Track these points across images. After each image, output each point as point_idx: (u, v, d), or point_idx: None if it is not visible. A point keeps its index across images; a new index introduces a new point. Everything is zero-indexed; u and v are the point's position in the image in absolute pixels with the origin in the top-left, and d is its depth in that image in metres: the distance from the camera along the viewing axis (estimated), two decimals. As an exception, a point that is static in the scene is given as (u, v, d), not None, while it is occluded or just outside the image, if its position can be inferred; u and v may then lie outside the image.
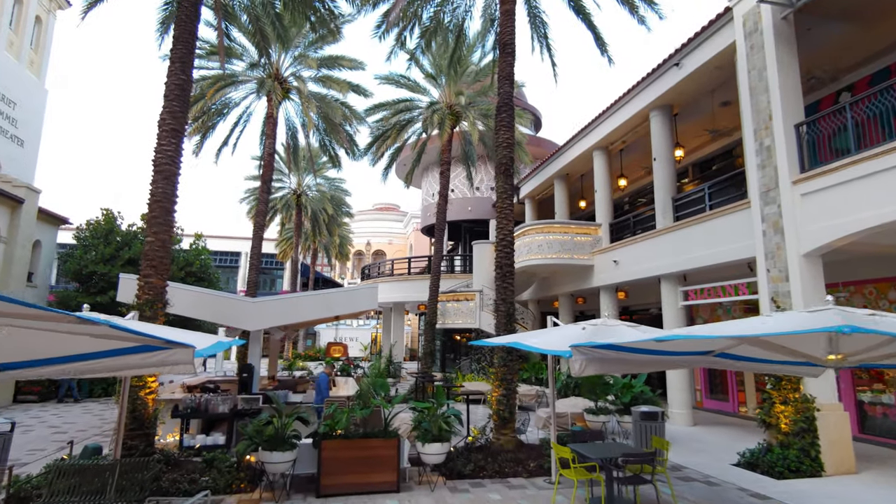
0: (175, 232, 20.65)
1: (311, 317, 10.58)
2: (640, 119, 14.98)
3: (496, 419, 9.24)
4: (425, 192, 29.69)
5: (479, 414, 14.02)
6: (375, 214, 73.06)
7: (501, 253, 9.86)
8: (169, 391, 10.83)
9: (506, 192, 10.04)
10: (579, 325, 6.55)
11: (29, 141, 20.24)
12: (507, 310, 9.61)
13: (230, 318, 10.25)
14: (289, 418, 7.11)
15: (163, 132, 8.48)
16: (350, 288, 10.47)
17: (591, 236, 16.95)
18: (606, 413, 10.34)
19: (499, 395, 9.29)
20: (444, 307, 19.67)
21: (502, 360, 9.37)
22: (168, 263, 8.37)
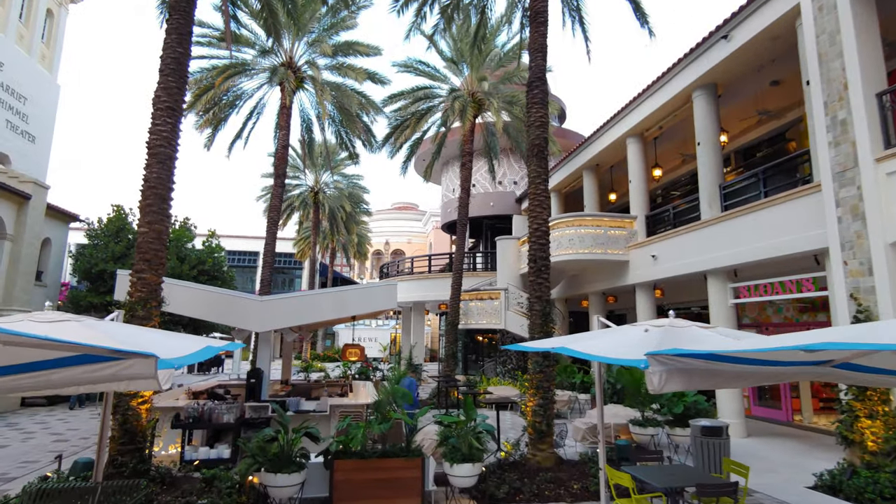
0: (191, 231, 20.20)
1: (325, 317, 9.64)
2: (680, 101, 13.73)
3: (532, 432, 8.16)
4: (445, 187, 28.69)
5: (506, 422, 12.97)
6: (394, 214, 72.54)
7: (535, 245, 8.78)
8: (172, 397, 9.98)
9: (539, 175, 8.96)
10: (638, 325, 5.45)
11: (41, 137, 19.77)
12: (542, 309, 8.53)
13: (235, 318, 9.36)
14: (296, 434, 6.14)
15: (157, 111, 7.61)
16: (367, 286, 9.51)
17: (626, 230, 15.74)
18: (655, 425, 9.19)
19: (534, 405, 8.21)
20: (466, 306, 18.63)
21: (538, 365, 8.29)
22: (163, 257, 7.49)
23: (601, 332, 5.93)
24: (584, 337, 5.65)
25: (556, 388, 14.47)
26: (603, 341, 5.25)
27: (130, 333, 4.07)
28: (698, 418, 9.07)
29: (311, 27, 16.57)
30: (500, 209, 25.77)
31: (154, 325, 7.24)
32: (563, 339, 5.79)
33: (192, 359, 3.98)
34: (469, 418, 6.61)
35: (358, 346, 10.79)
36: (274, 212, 16.92)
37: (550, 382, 8.33)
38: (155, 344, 3.89)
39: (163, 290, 7.50)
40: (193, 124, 17.01)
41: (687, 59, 12.82)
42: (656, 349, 4.10)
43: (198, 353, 4.23)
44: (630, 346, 4.87)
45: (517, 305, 17.93)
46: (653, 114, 14.62)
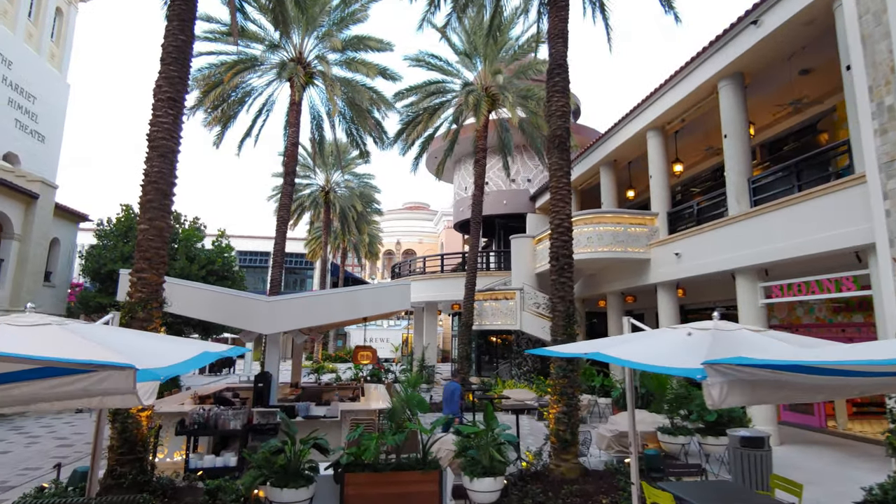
0: (201, 231, 19.94)
1: (335, 318, 9.22)
2: (705, 91, 13.12)
3: (555, 441, 7.66)
4: (457, 185, 28.22)
5: (525, 428, 12.45)
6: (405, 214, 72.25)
7: (557, 242, 8.27)
8: (177, 401, 9.62)
9: (561, 168, 8.44)
10: (678, 329, 4.94)
11: (50, 137, 19.63)
12: (565, 310, 8.01)
13: (242, 319, 8.97)
14: (304, 445, 5.70)
15: (158, 102, 7.22)
16: (379, 285, 9.06)
17: (647, 227, 15.14)
18: (686, 433, 8.63)
19: (558, 412, 7.70)
20: (480, 307, 18.13)
21: (561, 370, 7.78)
22: (165, 255, 7.09)
23: (635, 335, 5.43)
24: (617, 341, 5.14)
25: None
26: (641, 346, 4.75)
27: (116, 339, 3.65)
28: (735, 427, 8.52)
29: (320, 21, 16.19)
30: (514, 207, 25.24)
31: (155, 328, 6.86)
32: (594, 344, 5.28)
33: (183, 367, 3.55)
34: (490, 427, 6.12)
35: (369, 348, 10.36)
36: (284, 210, 16.56)
37: (574, 388, 7.81)
38: (139, 350, 3.47)
39: (165, 291, 7.10)
40: (202, 121, 16.71)
41: (713, 48, 12.22)
42: (711, 357, 3.60)
43: (191, 360, 3.80)
44: (674, 352, 4.38)
45: (533, 306, 17.41)
46: (675, 106, 14.02)
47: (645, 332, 5.82)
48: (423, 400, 6.27)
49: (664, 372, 4.02)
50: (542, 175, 25.02)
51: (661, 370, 3.91)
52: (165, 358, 3.43)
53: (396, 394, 6.21)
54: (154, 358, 3.47)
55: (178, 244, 17.90)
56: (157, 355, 3.60)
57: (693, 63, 12.90)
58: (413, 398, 6.22)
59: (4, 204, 14.35)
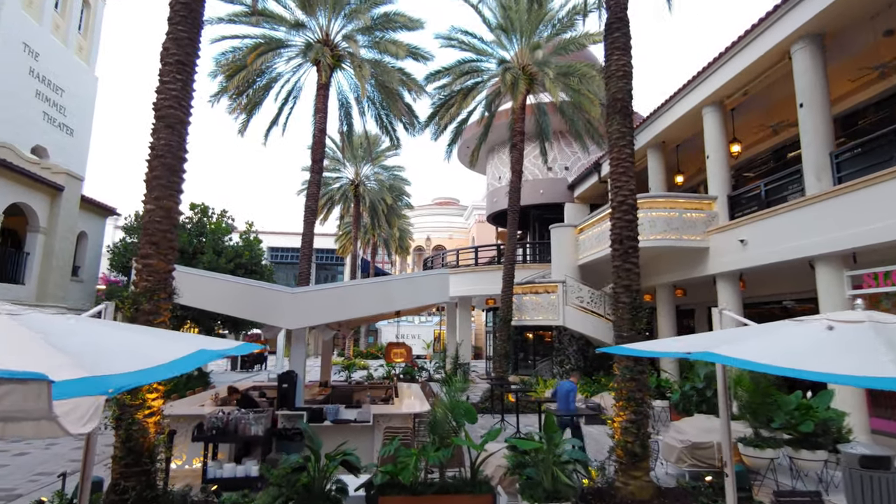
0: (229, 224, 19.43)
1: (366, 311, 8.29)
2: (776, 56, 11.65)
3: (622, 454, 6.53)
4: (491, 175, 27.09)
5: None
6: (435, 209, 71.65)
7: (621, 222, 7.12)
8: (197, 402, 8.86)
9: (623, 136, 7.27)
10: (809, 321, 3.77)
11: (79, 130, 19.37)
12: (631, 301, 6.87)
13: (263, 313, 8.13)
14: (330, 462, 4.76)
15: (165, 66, 6.37)
16: (414, 275, 8.09)
17: (705, 212, 13.75)
18: (775, 445, 7.37)
19: (625, 420, 6.57)
20: (520, 301, 16.99)
21: (628, 371, 6.64)
22: (174, 240, 6.27)
23: (748, 331, 4.28)
24: (726, 338, 4.02)
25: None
26: (768, 344, 3.62)
27: (81, 336, 2.74)
28: (830, 438, 7.23)
29: (347, -1, 15.31)
30: (551, 197, 23.97)
31: (163, 322, 6.03)
32: (697, 341, 4.16)
33: (161, 373, 2.61)
34: (552, 442, 5.06)
35: (403, 345, 9.43)
36: (312, 201, 15.79)
37: (644, 393, 6.67)
38: (104, 351, 2.54)
39: (174, 280, 6.27)
40: (226, 108, 16.06)
41: (786, 5, 10.77)
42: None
43: (178, 362, 2.87)
44: (820, 351, 3.27)
45: (577, 300, 16.18)
46: (738, 76, 12.56)
47: (751, 326, 4.66)
48: (471, 408, 5.25)
49: (833, 381, 2.88)
50: (581, 163, 23.68)
51: (833, 378, 2.78)
52: (144, 359, 2.51)
53: (440, 402, 5.19)
54: (124, 360, 2.54)
55: (205, 238, 17.36)
56: (133, 356, 2.68)
57: (762, 25, 11.46)
58: (459, 406, 5.21)
59: (29, 196, 13.97)
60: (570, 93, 15.63)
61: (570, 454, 5.06)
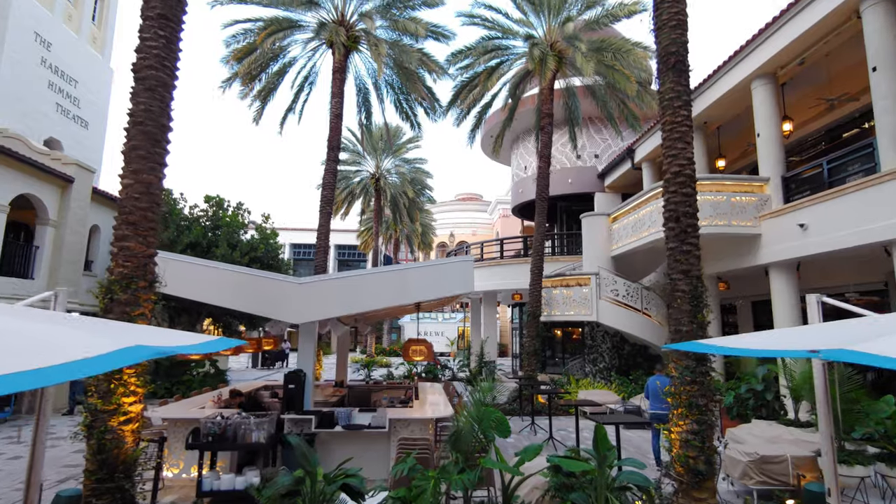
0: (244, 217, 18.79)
1: (381, 304, 7.38)
2: (841, 17, 10.31)
3: (682, 471, 5.46)
4: (516, 166, 25.98)
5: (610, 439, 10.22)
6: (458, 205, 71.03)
7: (677, 196, 6.03)
8: (198, 404, 8.08)
9: (679, 96, 6.16)
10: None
11: (94, 122, 18.99)
12: (691, 289, 5.78)
13: (266, 305, 7.28)
14: (328, 485, 3.83)
15: (147, 21, 5.54)
16: (435, 262, 7.14)
17: (756, 195, 12.45)
18: (866, 461, 6.19)
19: (685, 430, 5.50)
20: (549, 295, 15.91)
21: (689, 372, 5.56)
22: (156, 219, 5.44)
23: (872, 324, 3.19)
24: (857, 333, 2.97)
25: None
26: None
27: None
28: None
29: (362, -26, 14.41)
30: (580, 187, 22.75)
31: (143, 314, 5.21)
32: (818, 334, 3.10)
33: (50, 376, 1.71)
34: (605, 461, 4.04)
35: (423, 341, 8.47)
36: (328, 190, 14.98)
37: (709, 398, 5.57)
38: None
39: (156, 266, 5.44)
40: (238, 94, 15.36)
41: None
42: None
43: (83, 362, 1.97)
44: None
45: (611, 293, 15.01)
46: (795, 42, 11.23)
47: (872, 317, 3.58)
48: (504, 420, 4.27)
49: None
50: (612, 151, 22.42)
51: None
52: (37, 358, 1.64)
53: (464, 410, 4.20)
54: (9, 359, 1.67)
55: (220, 232, 16.73)
56: (29, 355, 1.81)
57: (826, -19, 10.14)
58: (488, 416, 4.23)
59: (38, 187, 13.49)
60: (604, 69, 14.44)
61: (627, 477, 4.03)
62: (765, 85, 12.57)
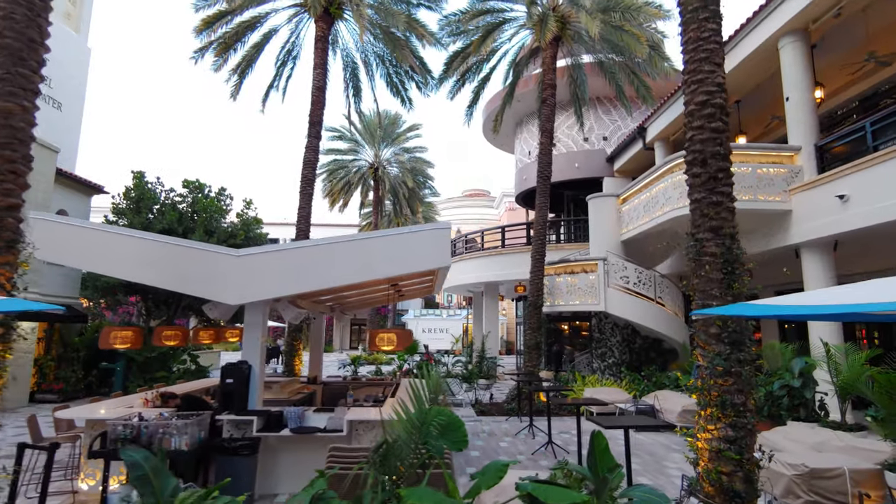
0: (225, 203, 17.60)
1: (340, 280, 6.07)
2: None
3: (713, 492, 4.10)
4: (519, 151, 24.59)
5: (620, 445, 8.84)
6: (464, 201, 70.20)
7: (703, 133, 4.69)
8: (125, 404, 6.83)
9: (706, 6, 4.77)
10: None
11: (69, 104, 17.86)
12: (724, 252, 4.42)
13: (200, 283, 6.01)
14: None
15: None
16: (402, 230, 5.80)
17: (785, 166, 10.99)
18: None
19: (716, 437, 4.14)
20: (552, 283, 14.52)
21: (720, 360, 4.19)
22: (18, 160, 4.18)
23: None
24: None
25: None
26: None
27: None
28: None
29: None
30: (588, 171, 21.29)
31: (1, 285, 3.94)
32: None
33: None
34: (606, 488, 2.68)
35: (396, 330, 7.14)
36: (309, 168, 13.72)
37: (748, 394, 4.20)
38: None
39: (22, 223, 4.18)
40: (211, 66, 14.13)
41: None
42: None
43: None
44: None
45: (620, 280, 13.58)
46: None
47: None
48: (457, 424, 2.93)
49: None
50: (621, 132, 20.95)
51: None
52: None
53: (401, 408, 2.82)
54: None
55: (196, 217, 15.53)
56: None
57: None
58: (434, 417, 2.90)
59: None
60: (611, 31, 12.99)
61: (641, 494, 2.67)
62: (794, 42, 11.10)
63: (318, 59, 13.89)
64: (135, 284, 13.90)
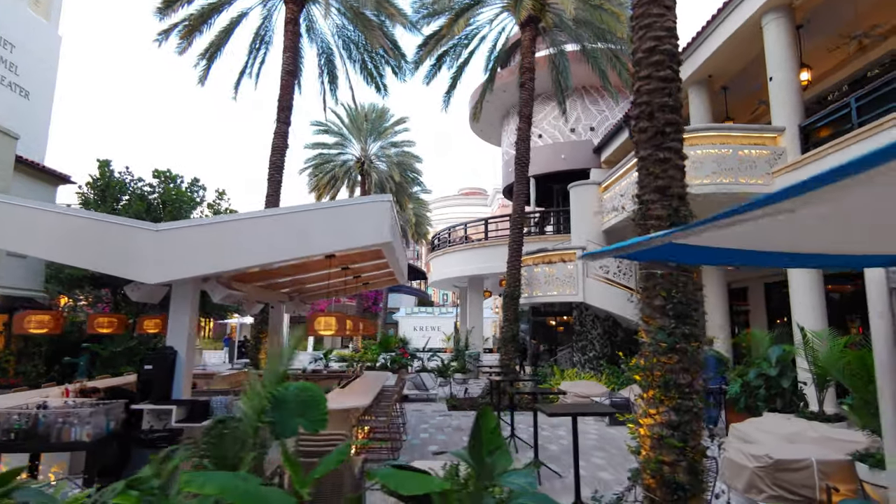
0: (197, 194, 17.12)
1: (270, 257, 5.58)
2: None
3: (654, 484, 3.60)
4: (506, 143, 24.12)
5: (589, 442, 8.40)
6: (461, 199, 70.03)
7: (651, 83, 4.12)
8: (41, 396, 6.33)
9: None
10: None
11: (37, 93, 17.36)
12: (671, 214, 3.92)
13: (114, 261, 5.51)
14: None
15: None
16: (337, 203, 5.31)
17: (768, 148, 10.51)
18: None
19: (659, 423, 3.64)
20: (530, 273, 14.03)
21: (664, 335, 3.69)
22: None
23: None
24: None
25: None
26: None
27: None
28: None
29: None
30: (574, 163, 20.83)
31: None
32: None
33: None
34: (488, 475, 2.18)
35: (334, 314, 6.63)
36: (277, 155, 13.23)
37: (694, 373, 3.70)
38: None
39: None
40: (176, 48, 13.62)
41: None
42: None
43: None
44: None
45: (600, 270, 13.09)
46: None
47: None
48: (320, 399, 2.43)
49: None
50: (608, 123, 20.49)
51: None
52: None
53: (251, 381, 2.31)
54: None
55: (164, 207, 15.02)
56: None
57: None
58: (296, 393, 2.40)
59: (-56, 153, 11.88)
60: (590, 11, 12.51)
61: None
62: (778, 19, 10.63)
63: (289, 43, 13.41)
64: (101, 276, 13.46)
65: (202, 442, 2.35)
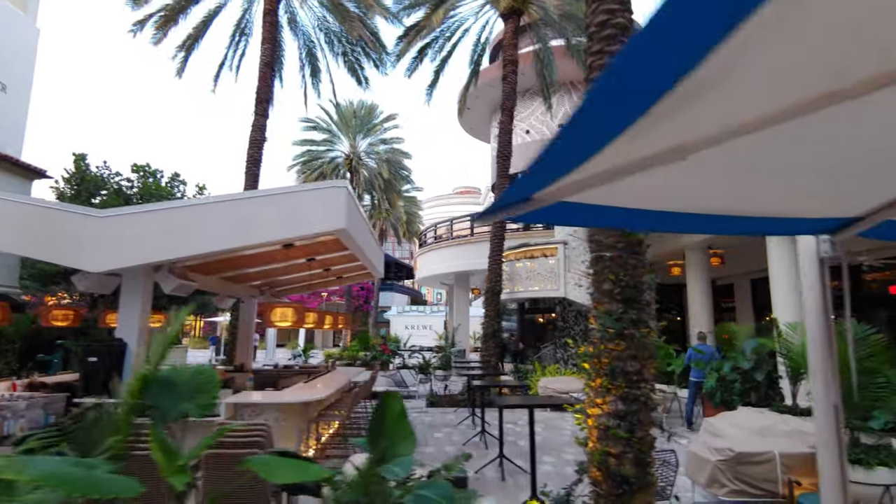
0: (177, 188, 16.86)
1: (220, 244, 5.39)
2: None
3: (601, 478, 3.42)
4: (495, 140, 23.93)
5: (564, 438, 8.28)
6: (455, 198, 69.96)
7: (600, 58, 3.99)
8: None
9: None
10: None
11: (14, 86, 17.07)
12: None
13: (57, 248, 5.31)
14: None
15: None
16: (288, 189, 5.12)
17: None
18: (891, 462, 4.11)
19: (606, 413, 3.46)
20: (512, 268, 13.87)
21: (611, 320, 3.51)
22: None
23: None
24: None
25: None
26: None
27: None
28: None
29: None
30: (562, 159, 20.63)
31: None
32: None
33: None
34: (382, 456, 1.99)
35: (292, 305, 6.44)
36: (254, 148, 13.00)
37: (644, 362, 3.52)
38: None
39: None
40: (151, 39, 13.39)
41: None
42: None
43: None
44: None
45: (582, 265, 12.91)
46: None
47: None
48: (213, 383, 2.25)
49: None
50: (597, 118, 20.29)
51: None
52: None
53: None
54: None
55: (143, 203, 14.79)
56: None
57: None
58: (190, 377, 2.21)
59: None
60: (573, 4, 12.34)
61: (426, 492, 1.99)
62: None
63: (267, 34, 13.19)
64: (75, 271, 13.20)
65: (69, 428, 2.14)
